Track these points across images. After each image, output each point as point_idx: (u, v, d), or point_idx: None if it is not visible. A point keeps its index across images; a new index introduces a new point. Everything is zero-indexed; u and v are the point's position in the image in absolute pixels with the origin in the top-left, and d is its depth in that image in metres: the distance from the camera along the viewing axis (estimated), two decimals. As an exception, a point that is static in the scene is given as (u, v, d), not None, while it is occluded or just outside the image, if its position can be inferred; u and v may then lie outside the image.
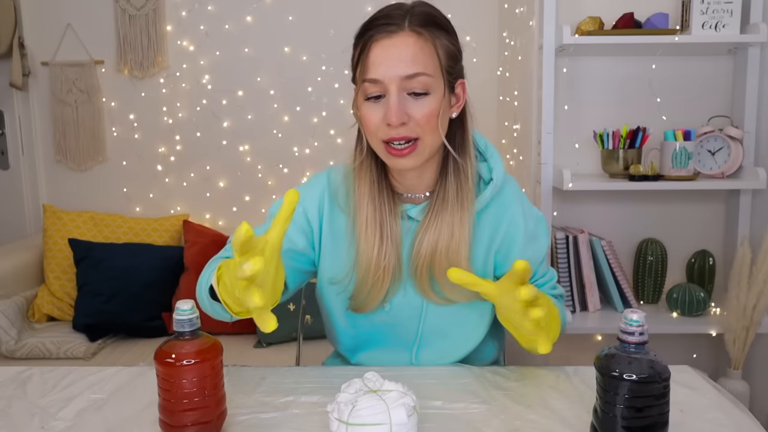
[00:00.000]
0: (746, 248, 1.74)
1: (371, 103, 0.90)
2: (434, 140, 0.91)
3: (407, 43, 0.87)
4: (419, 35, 0.88)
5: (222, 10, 2.40)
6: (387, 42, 0.87)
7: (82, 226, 2.30)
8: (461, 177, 0.95)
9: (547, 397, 0.88)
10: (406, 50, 0.87)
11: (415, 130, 0.89)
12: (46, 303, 2.19)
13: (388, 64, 0.87)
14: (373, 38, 0.88)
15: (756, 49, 1.85)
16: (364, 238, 0.96)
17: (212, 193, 2.50)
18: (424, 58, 0.88)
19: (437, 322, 1.02)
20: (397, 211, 0.98)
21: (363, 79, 0.89)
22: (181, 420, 0.75)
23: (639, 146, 1.86)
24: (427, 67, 0.88)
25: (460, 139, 0.97)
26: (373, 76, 0.88)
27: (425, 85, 0.88)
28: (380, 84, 0.88)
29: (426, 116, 0.89)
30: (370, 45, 0.88)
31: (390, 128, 0.89)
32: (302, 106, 2.44)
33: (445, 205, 0.95)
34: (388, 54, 0.87)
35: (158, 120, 2.46)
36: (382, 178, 0.99)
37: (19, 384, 0.95)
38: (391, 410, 0.71)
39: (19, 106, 2.44)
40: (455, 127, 0.97)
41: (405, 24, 0.88)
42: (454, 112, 0.96)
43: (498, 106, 2.40)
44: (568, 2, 1.91)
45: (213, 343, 0.77)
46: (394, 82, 0.87)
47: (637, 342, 0.69)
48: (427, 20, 0.89)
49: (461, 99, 0.96)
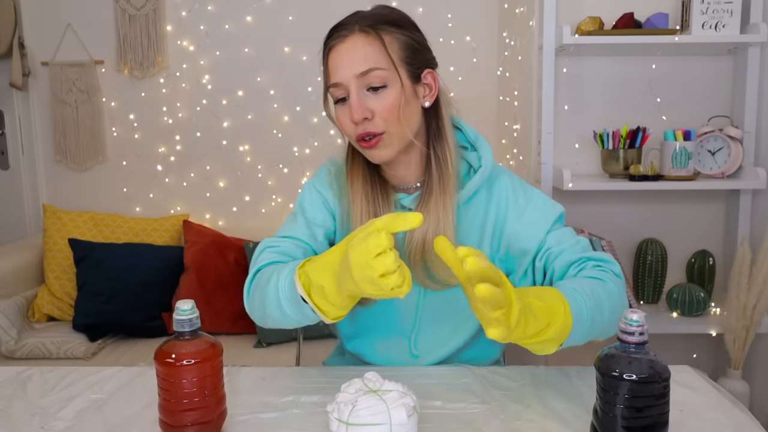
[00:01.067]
0: (746, 248, 1.74)
1: (340, 106, 0.97)
2: (400, 131, 0.95)
3: (357, 44, 0.93)
4: (367, 34, 0.93)
5: (222, 10, 2.40)
6: (341, 47, 0.94)
7: (82, 226, 2.30)
8: (441, 165, 0.99)
9: (547, 397, 0.88)
10: (356, 50, 0.93)
11: (380, 125, 0.94)
12: (46, 303, 2.19)
13: (343, 67, 0.93)
14: (329, 46, 0.96)
15: (756, 49, 1.85)
16: (357, 227, 0.98)
17: (212, 193, 2.50)
18: (375, 54, 0.93)
19: (434, 308, 1.04)
20: (390, 201, 1.02)
21: (327, 86, 0.97)
22: (181, 420, 0.75)
23: (639, 146, 1.86)
24: (378, 62, 0.92)
25: (435, 127, 1.01)
26: (333, 80, 0.95)
27: (381, 79, 0.93)
28: (341, 86, 0.94)
29: (387, 109, 0.93)
30: (328, 53, 0.96)
31: (358, 126, 0.94)
32: (302, 106, 2.44)
33: (431, 194, 0.98)
34: (342, 57, 0.94)
35: (158, 120, 2.46)
36: (375, 172, 1.03)
37: (19, 384, 0.95)
38: (391, 410, 0.71)
39: (19, 106, 2.44)
40: (430, 116, 1.01)
41: (355, 27, 0.94)
42: (427, 102, 0.99)
43: (498, 106, 2.40)
44: (568, 2, 1.91)
45: (213, 343, 0.77)
46: (352, 82, 0.93)
47: (637, 342, 0.69)
48: (375, 20, 0.94)
49: (433, 88, 1.00)
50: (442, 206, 0.97)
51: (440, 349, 1.05)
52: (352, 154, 1.04)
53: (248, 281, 0.96)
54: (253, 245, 2.17)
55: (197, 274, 2.13)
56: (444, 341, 1.05)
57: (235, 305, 2.11)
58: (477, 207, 1.03)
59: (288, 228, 1.05)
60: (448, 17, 2.36)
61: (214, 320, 2.07)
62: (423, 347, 1.05)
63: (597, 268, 0.94)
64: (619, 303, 0.90)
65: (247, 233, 2.28)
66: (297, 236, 1.03)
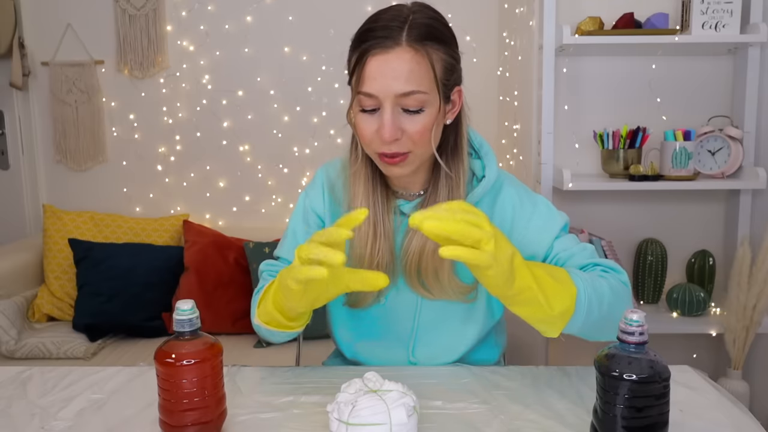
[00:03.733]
0: (746, 248, 1.74)
1: (366, 115, 0.90)
2: (426, 151, 0.92)
3: (403, 59, 0.86)
4: (416, 51, 0.86)
5: (222, 10, 2.40)
6: (383, 57, 0.86)
7: (82, 226, 2.30)
8: (452, 182, 0.96)
9: (547, 397, 0.88)
10: (401, 67, 0.86)
11: (407, 145, 0.90)
12: (46, 303, 2.19)
13: (383, 81, 0.86)
14: (369, 52, 0.87)
15: (756, 49, 1.85)
16: (357, 233, 0.97)
17: (212, 193, 2.50)
18: (420, 75, 0.86)
19: (432, 317, 1.03)
20: (390, 207, 1.00)
21: (358, 91, 0.89)
22: (181, 420, 0.75)
23: (639, 146, 1.86)
24: (422, 84, 0.87)
25: (453, 143, 0.98)
26: (368, 90, 0.87)
27: (420, 102, 0.87)
28: (375, 98, 0.88)
29: (419, 132, 0.89)
30: (366, 58, 0.87)
31: (383, 144, 0.89)
32: (302, 106, 2.44)
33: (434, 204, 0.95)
34: (383, 70, 0.86)
35: (158, 120, 2.46)
36: (377, 176, 1.00)
37: (19, 384, 0.95)
38: (391, 410, 0.71)
39: (19, 106, 2.44)
40: (449, 131, 0.98)
41: (402, 38, 0.86)
42: (449, 119, 0.95)
43: (498, 106, 2.40)
44: (568, 2, 1.91)
45: (213, 343, 0.77)
46: (389, 99, 0.86)
47: (637, 342, 0.69)
48: (425, 34, 0.87)
49: (457, 105, 0.96)
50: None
51: (438, 358, 1.05)
52: (357, 160, 1.00)
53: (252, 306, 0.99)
54: (253, 245, 2.17)
55: (197, 274, 2.13)
56: (442, 350, 1.04)
57: (235, 305, 2.11)
58: None
59: (283, 248, 1.07)
60: (448, 17, 2.34)
61: (214, 320, 2.07)
62: (421, 356, 1.05)
63: (605, 273, 0.92)
64: (620, 303, 0.88)
65: (247, 233, 2.27)
66: (288, 258, 1.05)
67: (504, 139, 2.34)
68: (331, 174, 1.06)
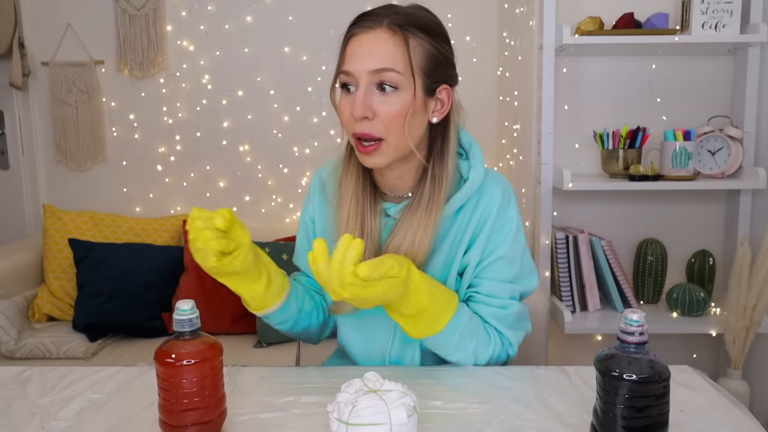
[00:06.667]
0: (746, 248, 1.74)
1: (345, 94, 0.94)
2: (400, 142, 0.92)
3: (380, 39, 0.90)
4: (394, 33, 0.90)
5: (222, 10, 2.40)
6: (363, 37, 0.91)
7: (82, 226, 2.30)
8: (435, 185, 0.96)
9: (547, 397, 0.88)
10: (377, 45, 0.90)
11: (380, 130, 0.91)
12: (46, 303, 2.19)
13: (359, 58, 0.90)
14: (352, 32, 0.92)
15: (756, 49, 1.85)
16: (345, 232, 0.97)
17: (212, 193, 2.50)
18: (395, 55, 0.89)
19: None
20: (377, 208, 1.00)
21: (339, 71, 0.94)
22: (181, 420, 0.75)
23: (639, 146, 1.86)
24: (396, 63, 0.89)
25: (440, 145, 0.98)
26: (345, 68, 0.92)
27: (393, 81, 0.89)
28: (352, 76, 0.91)
29: (391, 115, 0.90)
30: (348, 40, 0.93)
31: (356, 122, 0.91)
32: (302, 106, 2.44)
33: (416, 211, 0.96)
34: (361, 48, 0.90)
35: (158, 120, 2.46)
36: (368, 176, 1.01)
37: (19, 384, 0.95)
38: (391, 410, 0.71)
39: (19, 106, 2.44)
40: (436, 133, 0.98)
41: (384, 22, 0.90)
42: (435, 117, 0.96)
43: (498, 106, 2.40)
44: (568, 2, 1.91)
45: (213, 343, 0.77)
46: (363, 75, 0.90)
47: (637, 342, 0.69)
48: (407, 21, 0.91)
49: (445, 105, 0.96)
50: (423, 227, 0.94)
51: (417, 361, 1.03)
52: (350, 154, 1.02)
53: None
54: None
55: (197, 274, 2.13)
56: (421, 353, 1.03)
57: (235, 305, 2.09)
58: (463, 216, 1.00)
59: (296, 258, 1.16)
60: (448, 17, 2.35)
61: (214, 320, 2.07)
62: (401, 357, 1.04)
63: (498, 334, 1.00)
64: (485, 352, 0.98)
65: (247, 233, 2.27)
66: (301, 267, 1.14)
67: (504, 139, 2.34)
68: (323, 174, 1.09)
